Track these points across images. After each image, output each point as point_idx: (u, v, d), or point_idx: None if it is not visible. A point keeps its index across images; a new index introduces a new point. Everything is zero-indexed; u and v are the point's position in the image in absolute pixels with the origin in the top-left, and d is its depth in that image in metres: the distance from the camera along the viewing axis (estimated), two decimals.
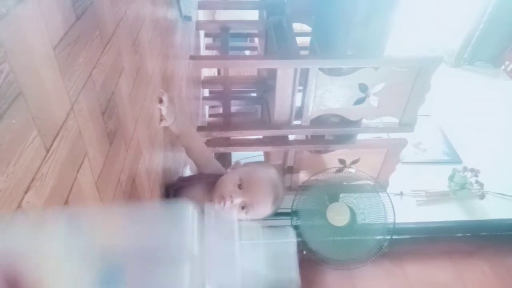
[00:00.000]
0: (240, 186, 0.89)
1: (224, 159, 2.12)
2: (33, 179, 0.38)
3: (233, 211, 0.87)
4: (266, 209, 0.91)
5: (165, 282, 0.24)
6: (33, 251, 0.25)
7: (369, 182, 1.90)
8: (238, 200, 0.87)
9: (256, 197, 0.89)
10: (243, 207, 0.88)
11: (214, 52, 2.44)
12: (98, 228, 0.30)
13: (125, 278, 0.24)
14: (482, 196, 2.28)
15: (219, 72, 2.60)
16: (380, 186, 1.90)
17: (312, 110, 1.65)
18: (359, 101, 1.63)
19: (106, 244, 0.26)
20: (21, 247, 0.25)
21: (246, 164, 1.00)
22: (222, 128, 1.78)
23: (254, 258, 0.24)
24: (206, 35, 2.21)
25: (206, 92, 2.17)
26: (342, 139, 1.91)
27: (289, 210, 1.90)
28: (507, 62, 3.54)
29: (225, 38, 1.91)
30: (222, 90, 1.94)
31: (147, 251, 0.25)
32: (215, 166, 1.05)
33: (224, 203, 0.86)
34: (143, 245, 0.26)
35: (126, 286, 0.24)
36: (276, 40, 1.69)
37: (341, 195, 1.91)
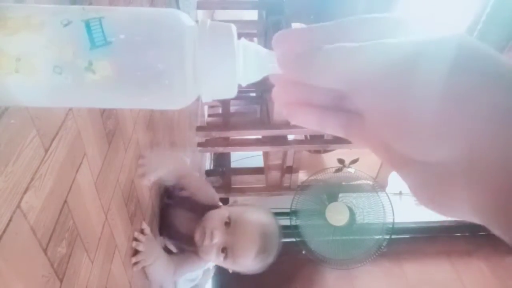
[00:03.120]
0: (226, 225, 0.81)
1: (223, 159, 2.13)
2: (32, 179, 0.38)
3: (211, 251, 0.80)
4: (246, 259, 0.82)
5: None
6: None
7: (368, 181, 1.91)
8: (218, 239, 0.79)
9: (239, 241, 0.80)
10: (222, 249, 0.80)
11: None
12: None
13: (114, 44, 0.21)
14: None
15: None
16: (379, 185, 1.90)
17: None
18: None
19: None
20: None
21: (243, 204, 0.93)
22: (221, 128, 1.78)
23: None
24: None
25: None
26: (341, 139, 1.91)
27: (288, 210, 1.90)
28: None
29: None
30: None
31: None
32: (210, 196, 0.95)
33: (204, 239, 0.80)
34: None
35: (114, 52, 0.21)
36: None
37: (340, 195, 1.91)
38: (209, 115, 2.36)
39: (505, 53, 3.75)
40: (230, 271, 0.91)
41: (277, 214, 2.09)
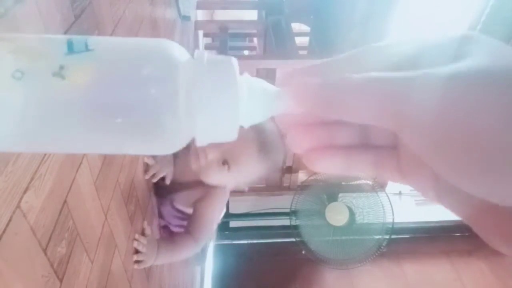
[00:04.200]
0: None
1: None
2: (32, 179, 0.38)
3: (212, 169, 0.75)
4: (251, 161, 0.75)
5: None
6: None
7: (368, 181, 1.91)
8: (214, 153, 0.73)
9: (235, 146, 0.72)
10: (223, 162, 0.74)
11: (213, 52, 2.44)
12: None
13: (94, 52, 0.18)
14: None
15: None
16: (379, 185, 1.90)
17: None
18: None
19: None
20: None
21: None
22: None
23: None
24: (205, 35, 2.21)
25: None
26: None
27: (288, 210, 1.90)
28: None
29: (224, 38, 1.91)
30: None
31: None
32: None
33: (200, 160, 0.74)
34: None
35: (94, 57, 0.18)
36: (275, 40, 1.69)
37: (340, 195, 1.91)
38: None
39: None
40: (246, 189, 0.86)
41: (277, 214, 2.09)
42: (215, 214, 0.86)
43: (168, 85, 0.18)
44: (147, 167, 0.80)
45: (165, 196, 0.89)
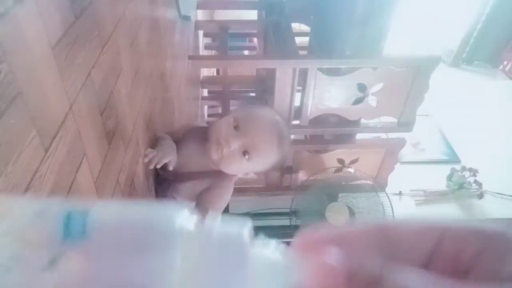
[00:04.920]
0: (236, 128, 0.75)
1: None
2: (32, 179, 0.38)
3: (233, 158, 0.76)
4: (271, 151, 0.77)
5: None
6: None
7: (368, 181, 1.91)
8: (237, 143, 0.74)
9: (257, 136, 0.75)
10: (244, 152, 0.75)
11: (213, 52, 2.43)
12: None
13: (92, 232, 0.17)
14: (480, 196, 2.29)
15: (218, 72, 2.60)
16: (379, 185, 1.90)
17: (311, 110, 1.65)
18: (358, 101, 1.63)
19: None
20: None
21: (241, 108, 0.88)
22: None
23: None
24: (205, 35, 2.21)
25: (205, 92, 2.17)
26: (341, 139, 1.92)
27: (288, 210, 1.90)
28: (505, 62, 3.55)
29: (224, 38, 1.91)
30: (221, 90, 1.94)
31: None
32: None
33: (222, 150, 0.75)
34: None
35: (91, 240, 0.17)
36: (275, 40, 1.69)
37: (340, 195, 1.92)
38: (209, 115, 2.36)
39: (505, 53, 3.74)
40: (255, 176, 0.85)
41: (277, 214, 2.09)
42: (220, 203, 0.86)
43: (164, 261, 0.17)
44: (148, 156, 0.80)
45: (168, 188, 0.87)
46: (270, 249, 0.18)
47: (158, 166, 0.80)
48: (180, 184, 0.86)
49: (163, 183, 0.89)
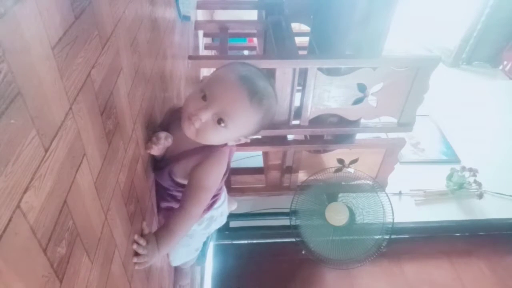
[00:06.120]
0: (204, 98, 0.71)
1: None
2: (32, 179, 0.38)
3: (209, 130, 0.72)
4: (245, 110, 0.71)
5: None
6: None
7: (368, 181, 1.91)
8: (206, 114, 0.70)
9: (225, 100, 0.69)
10: (218, 121, 0.71)
11: (213, 52, 2.43)
12: None
13: None
14: (480, 196, 2.29)
15: None
16: (378, 185, 1.90)
17: (311, 110, 1.65)
18: (358, 101, 1.63)
19: None
20: None
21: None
22: None
23: None
24: (205, 35, 2.20)
25: None
26: (341, 139, 1.92)
27: (288, 210, 1.90)
28: (505, 62, 3.55)
29: (224, 38, 1.91)
30: None
31: None
32: None
33: (194, 125, 0.72)
34: None
35: None
36: (275, 40, 1.69)
37: (340, 195, 1.91)
38: None
39: (505, 53, 3.74)
40: (248, 140, 0.82)
41: (277, 214, 2.09)
42: (210, 178, 0.82)
43: None
44: (151, 143, 0.80)
45: (164, 168, 0.86)
46: None
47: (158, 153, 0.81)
48: (175, 166, 0.84)
49: (157, 164, 0.89)
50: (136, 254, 0.74)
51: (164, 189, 0.92)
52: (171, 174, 0.86)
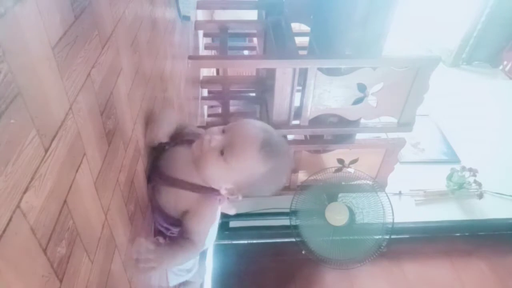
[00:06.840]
0: (223, 132, 0.76)
1: None
2: (32, 179, 0.38)
3: (210, 157, 0.74)
4: (249, 156, 0.72)
5: None
6: None
7: (368, 181, 1.91)
8: (217, 141, 0.74)
9: (236, 137, 0.74)
10: (221, 152, 0.73)
11: (213, 52, 2.43)
12: None
13: None
14: (480, 196, 2.29)
15: (218, 72, 2.60)
16: (378, 185, 1.90)
17: (311, 110, 1.65)
18: (358, 101, 1.63)
19: None
20: None
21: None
22: None
23: None
24: (205, 35, 2.20)
25: (205, 92, 2.17)
26: (341, 139, 1.92)
27: (288, 210, 1.90)
28: (505, 62, 3.55)
29: (224, 38, 1.91)
30: (221, 90, 1.94)
31: None
32: None
33: (203, 145, 0.75)
34: None
35: None
36: (275, 40, 1.69)
37: (340, 195, 1.91)
38: (209, 115, 2.36)
39: (505, 53, 3.74)
40: (240, 197, 0.80)
41: (277, 214, 2.09)
42: (207, 226, 0.84)
43: None
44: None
45: (153, 185, 0.85)
46: None
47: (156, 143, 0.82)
48: (163, 187, 0.84)
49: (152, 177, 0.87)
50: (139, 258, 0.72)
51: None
52: (157, 192, 0.84)
